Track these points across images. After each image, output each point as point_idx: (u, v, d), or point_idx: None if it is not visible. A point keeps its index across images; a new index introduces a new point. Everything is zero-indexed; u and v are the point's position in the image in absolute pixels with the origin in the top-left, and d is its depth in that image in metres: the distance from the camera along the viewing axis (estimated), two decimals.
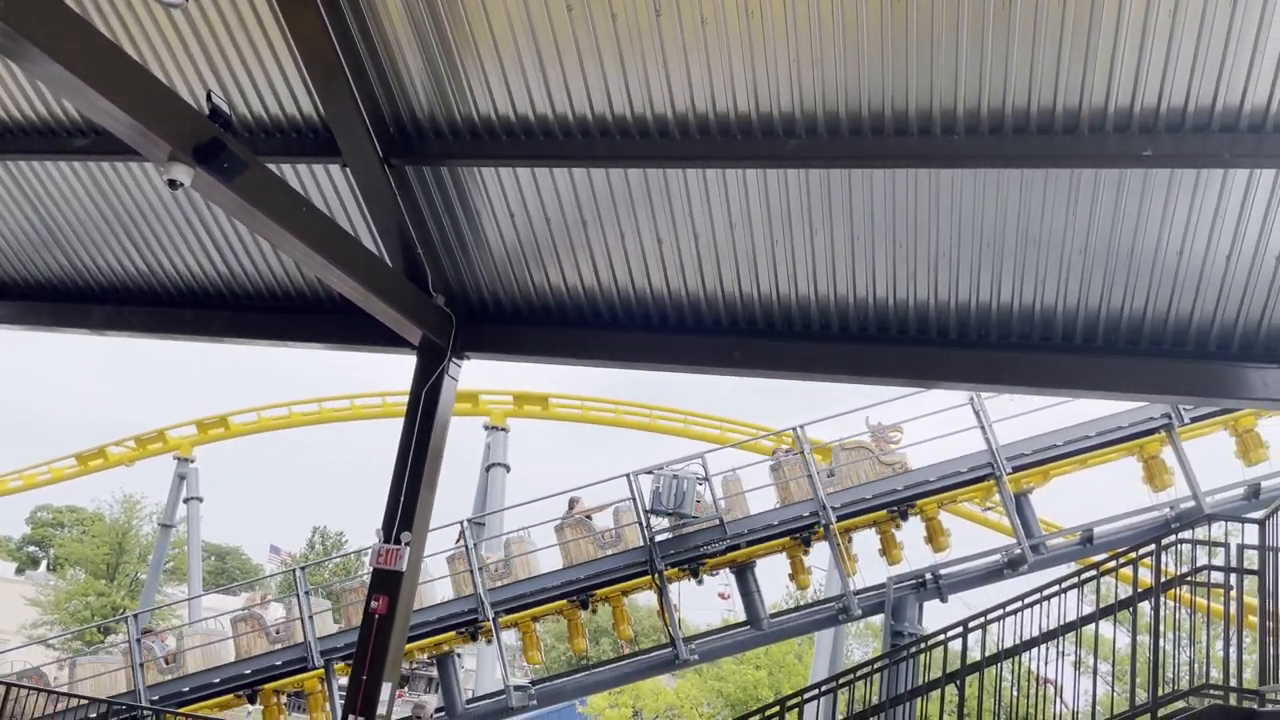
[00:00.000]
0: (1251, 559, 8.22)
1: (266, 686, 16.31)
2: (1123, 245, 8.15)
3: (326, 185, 9.96)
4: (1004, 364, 9.10)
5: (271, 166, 8.43)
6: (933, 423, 16.66)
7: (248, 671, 16.35)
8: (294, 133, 9.57)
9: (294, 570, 18.24)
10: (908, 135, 7.82)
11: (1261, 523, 8.07)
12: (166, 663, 16.72)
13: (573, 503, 16.87)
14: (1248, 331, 8.35)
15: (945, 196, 8.28)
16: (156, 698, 16.16)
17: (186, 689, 16.42)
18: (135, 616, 17.65)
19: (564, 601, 15.89)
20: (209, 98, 7.03)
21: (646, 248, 9.42)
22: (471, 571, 15.90)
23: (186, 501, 30.86)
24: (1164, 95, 7.08)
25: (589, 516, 16.45)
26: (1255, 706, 7.68)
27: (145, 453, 30.00)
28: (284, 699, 16.87)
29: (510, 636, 16.89)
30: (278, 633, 16.74)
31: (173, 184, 6.68)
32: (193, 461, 30.43)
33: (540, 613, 16.18)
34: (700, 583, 15.98)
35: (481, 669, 23.45)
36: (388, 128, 9.12)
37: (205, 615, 24.55)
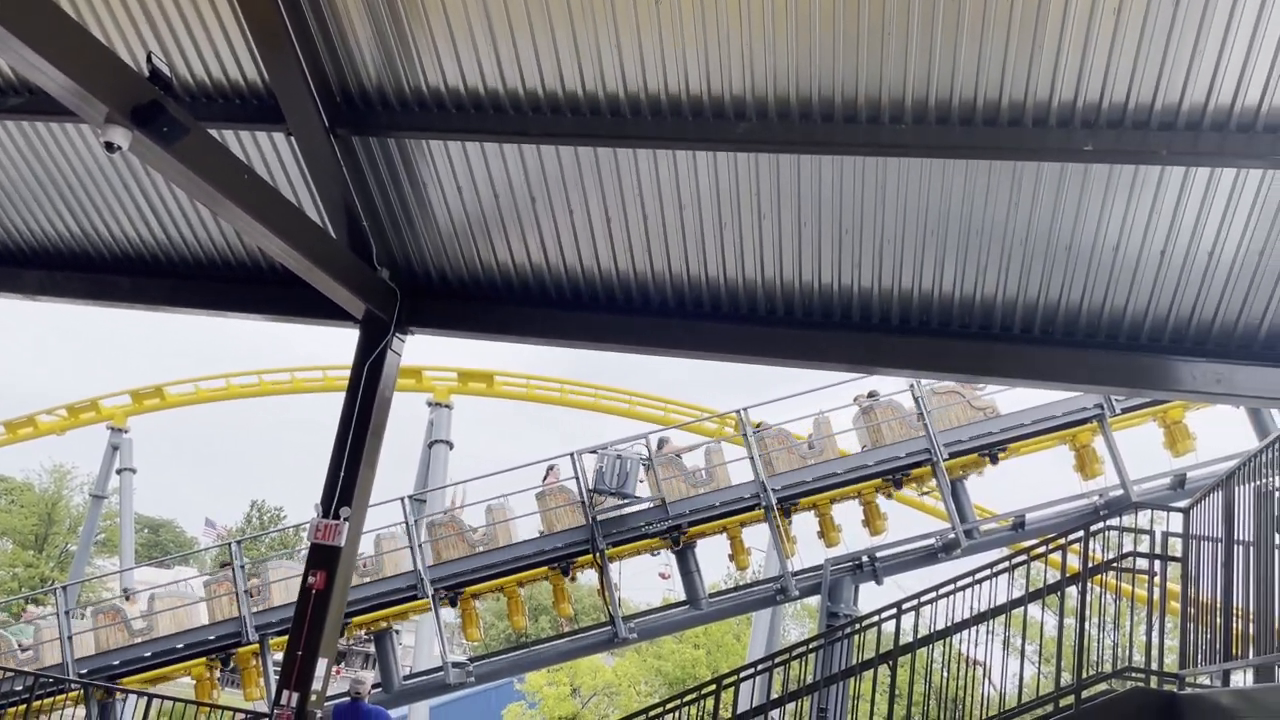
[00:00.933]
0: (1175, 547, 8.49)
1: (200, 660, 16.08)
2: (1062, 238, 8.31)
3: (270, 153, 9.76)
4: (945, 351, 9.24)
5: (213, 132, 8.24)
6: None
7: (180, 646, 16.10)
8: (237, 98, 9.36)
9: (230, 544, 17.97)
10: (857, 123, 7.88)
11: (1185, 512, 8.33)
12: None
13: (662, 442, 16.68)
14: (1179, 326, 8.58)
15: (892, 184, 8.37)
16: (85, 671, 15.86)
17: (117, 661, 16.14)
18: (65, 589, 17.28)
19: (513, 576, 15.87)
20: (149, 59, 6.84)
21: (595, 227, 9.40)
22: (411, 548, 15.80)
23: (119, 473, 30.16)
24: (1106, 91, 7.21)
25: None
26: (1175, 689, 7.94)
27: (77, 422, 29.26)
28: (217, 673, 16.65)
29: (449, 613, 16.85)
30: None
31: (109, 147, 6.49)
32: (126, 432, 29.74)
33: (480, 590, 16.14)
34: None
35: (419, 645, 23.34)
36: (334, 96, 8.96)
37: (138, 589, 24.07)
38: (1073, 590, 9.07)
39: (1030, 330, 9.01)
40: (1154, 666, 8.34)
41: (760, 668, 10.03)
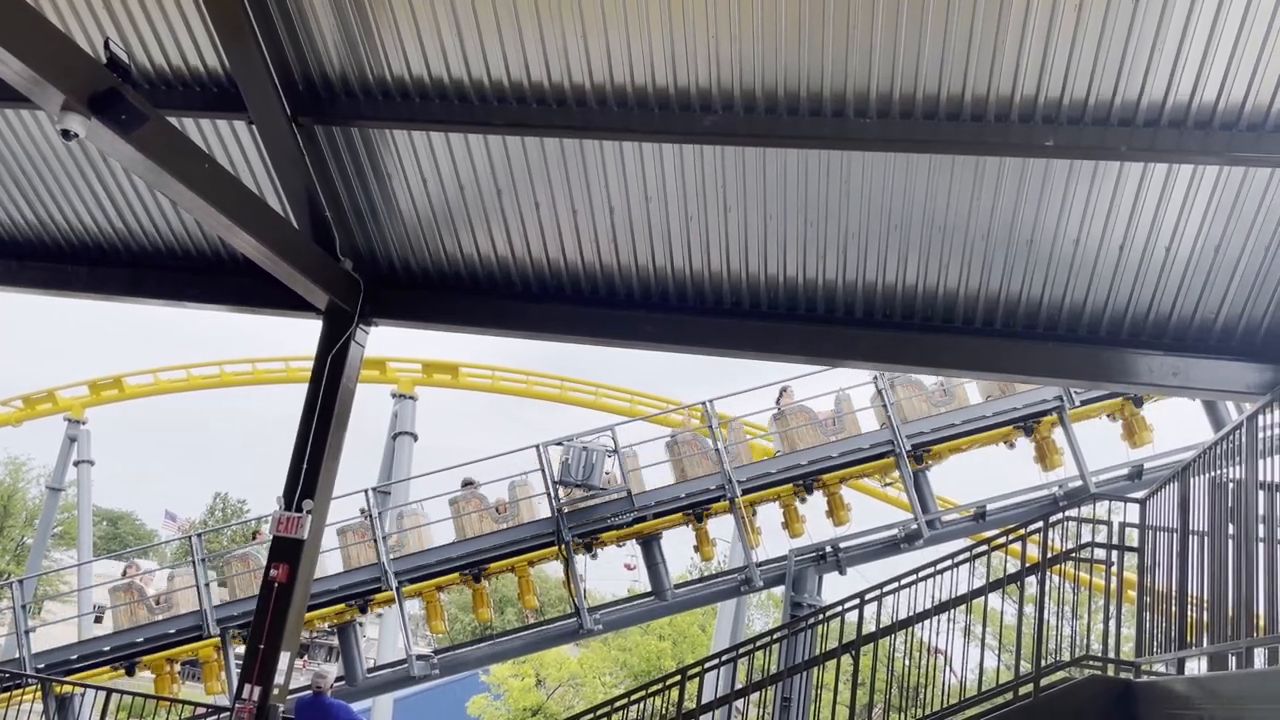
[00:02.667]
0: (1132, 537, 8.63)
1: (159, 655, 15.89)
2: (1023, 232, 8.41)
3: (231, 142, 9.64)
4: (908, 344, 9.33)
5: (173, 120, 8.13)
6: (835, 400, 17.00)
7: (139, 640, 15.90)
8: (197, 86, 9.23)
9: (190, 537, 17.76)
10: (821, 116, 7.92)
11: (1142, 502, 8.48)
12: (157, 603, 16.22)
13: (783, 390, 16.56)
14: (1136, 319, 8.71)
15: (856, 178, 8.43)
16: (42, 666, 15.62)
17: (75, 656, 15.92)
18: (21, 582, 17.02)
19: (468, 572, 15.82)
20: (107, 46, 6.71)
21: (561, 218, 9.37)
22: (375, 540, 15.71)
23: (77, 464, 29.68)
24: (1067, 87, 7.30)
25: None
26: (1131, 677, 8.08)
27: (33, 413, 28.76)
28: (177, 668, 16.46)
29: (414, 606, 16.77)
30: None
31: (66, 134, 6.38)
32: (84, 423, 29.26)
33: (445, 582, 16.08)
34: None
35: (384, 638, 23.22)
36: (296, 85, 8.86)
37: (96, 583, 23.72)
38: (1033, 580, 9.20)
39: (992, 323, 9.11)
40: (1111, 655, 8.48)
41: (725, 658, 10.09)
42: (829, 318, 9.47)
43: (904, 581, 9.20)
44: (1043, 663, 8.11)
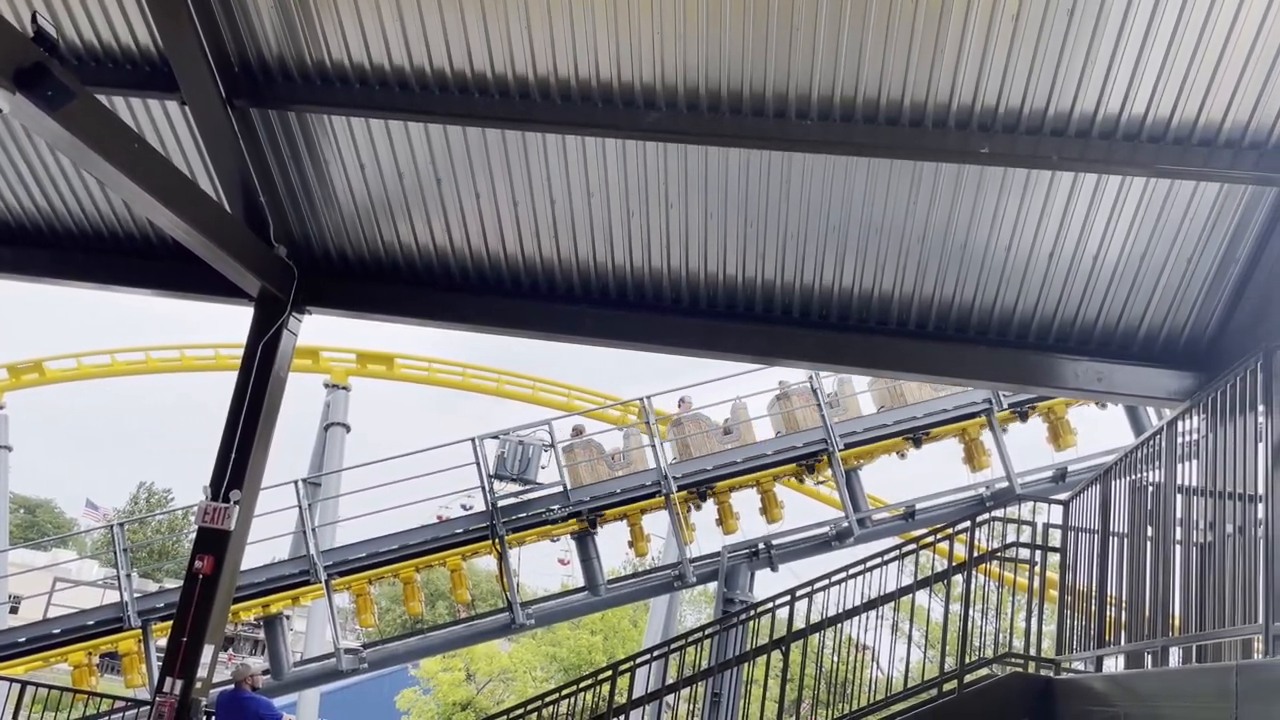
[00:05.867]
0: (1055, 538, 8.84)
1: (78, 647, 15.45)
2: (957, 237, 8.57)
3: (162, 122, 9.40)
4: (843, 344, 9.45)
5: (102, 98, 7.89)
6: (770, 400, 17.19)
7: (56, 631, 15.44)
8: (129, 64, 8.98)
9: (112, 526, 17.29)
10: (764, 117, 7.98)
11: (1065, 504, 8.69)
12: None
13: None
14: (1063, 325, 8.93)
15: (796, 179, 8.50)
16: None
17: None
18: None
19: (408, 562, 15.64)
20: (34, 19, 6.49)
21: (502, 210, 9.31)
22: (304, 532, 15.46)
23: None
24: (1003, 96, 7.45)
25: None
26: (1051, 674, 8.29)
27: None
28: (95, 660, 16.02)
29: (343, 599, 16.54)
30: None
31: None
32: (2, 408, 28.32)
33: (375, 575, 15.89)
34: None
35: (311, 631, 22.86)
36: (232, 66, 8.67)
37: (11, 571, 22.99)
38: (959, 578, 9.38)
39: (925, 326, 9.26)
40: (1032, 652, 8.69)
41: (657, 653, 10.13)
42: (768, 317, 9.55)
43: (835, 579, 9.32)
44: (967, 660, 8.27)
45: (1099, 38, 6.93)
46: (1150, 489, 6.39)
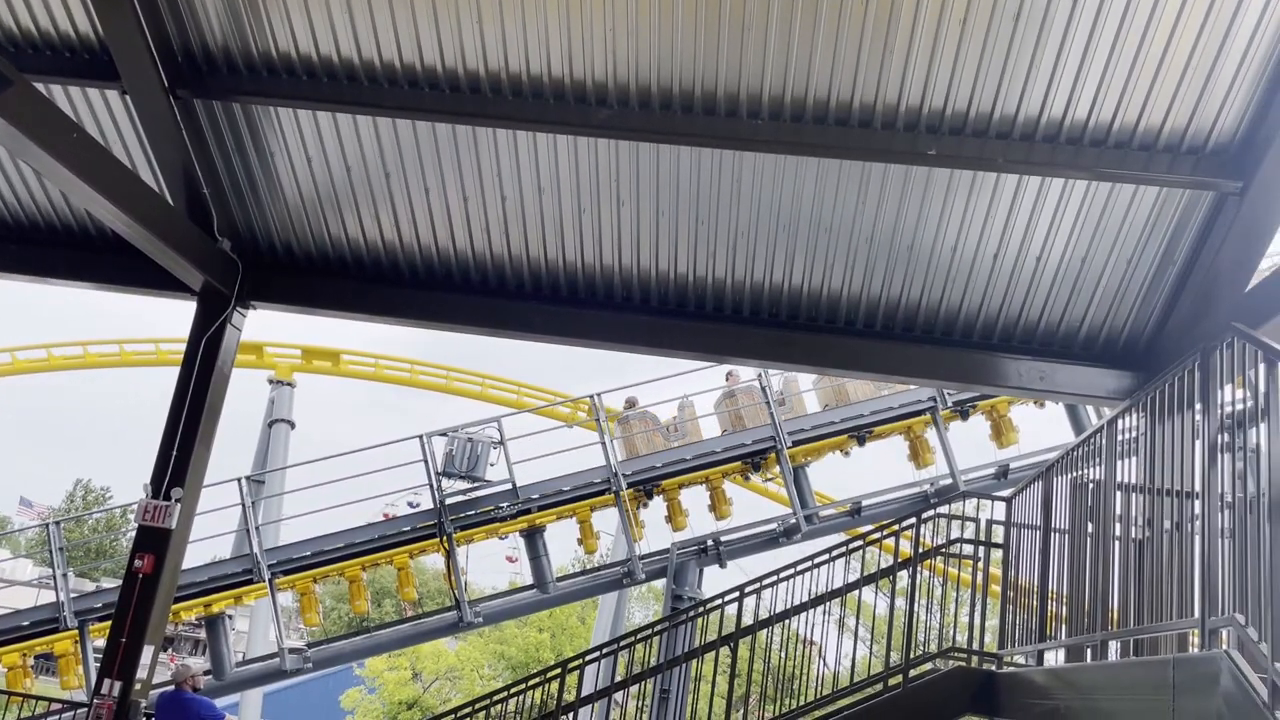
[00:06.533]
0: (997, 534, 9.00)
1: (12, 649, 15.05)
2: (904, 237, 8.67)
3: (103, 112, 9.17)
4: (793, 343, 9.51)
5: (40, 86, 7.70)
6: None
7: None
8: (67, 51, 8.75)
9: (47, 524, 16.87)
10: (715, 116, 8.00)
11: (1008, 501, 8.84)
12: None
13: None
14: (1007, 325, 9.08)
15: (747, 178, 8.54)
16: None
17: None
18: None
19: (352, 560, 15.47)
20: None
21: (452, 206, 9.23)
22: (248, 530, 15.21)
23: None
24: (950, 99, 7.55)
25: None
26: (994, 668, 8.44)
27: None
28: (30, 662, 15.62)
29: (287, 598, 16.32)
30: None
31: None
32: None
33: (320, 574, 15.69)
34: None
35: (254, 631, 22.52)
36: (175, 55, 8.48)
37: None
38: (905, 574, 9.50)
39: (873, 325, 9.36)
40: (975, 647, 8.83)
41: (606, 651, 10.12)
42: (718, 315, 9.58)
43: (783, 575, 9.39)
44: (911, 655, 8.39)
45: (1043, 43, 7.05)
46: (1090, 486, 6.52)
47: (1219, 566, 4.65)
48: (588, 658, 10.19)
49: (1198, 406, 4.92)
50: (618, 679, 10.24)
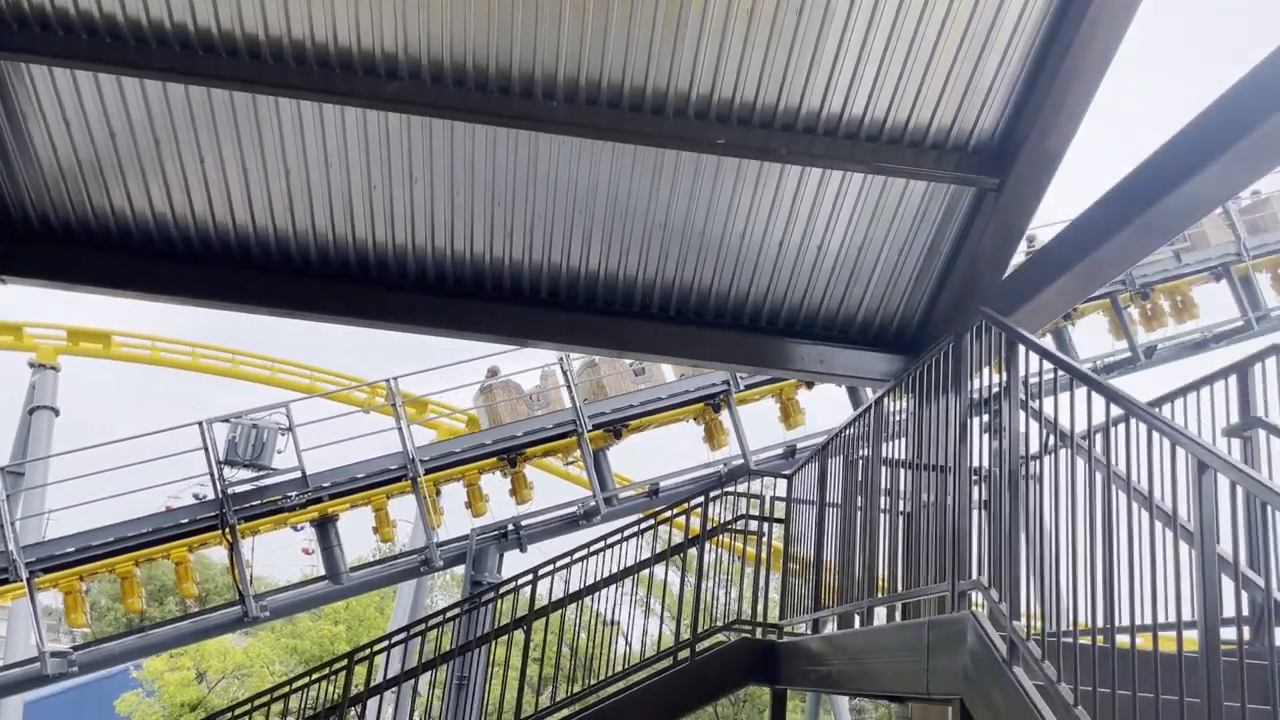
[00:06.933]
0: (781, 510, 9.41)
1: None
2: (696, 224, 8.87)
3: None
4: (590, 326, 9.57)
5: None
6: (530, 379, 17.25)
7: None
8: None
9: None
10: (510, 95, 7.91)
11: (789, 478, 9.25)
12: None
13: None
14: (791, 310, 9.47)
15: (544, 160, 8.50)
16: None
17: None
18: None
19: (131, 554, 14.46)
20: None
21: (230, 177, 8.72)
22: (2, 526, 13.95)
23: None
24: (738, 90, 7.76)
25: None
26: (775, 638, 8.82)
27: None
28: None
29: (54, 598, 15.10)
30: None
31: None
32: None
33: (88, 571, 14.60)
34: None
35: (13, 634, 20.68)
36: None
37: None
38: (699, 550, 9.77)
39: (667, 309, 9.55)
40: (760, 618, 9.21)
41: (396, 640, 9.89)
42: (517, 297, 9.51)
43: (576, 555, 9.47)
44: (699, 629, 8.65)
45: (823, 40, 7.36)
46: (860, 462, 6.91)
47: (971, 535, 5.02)
48: (377, 648, 9.94)
49: (951, 388, 5.28)
50: (411, 668, 10.04)
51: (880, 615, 6.71)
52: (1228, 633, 3.16)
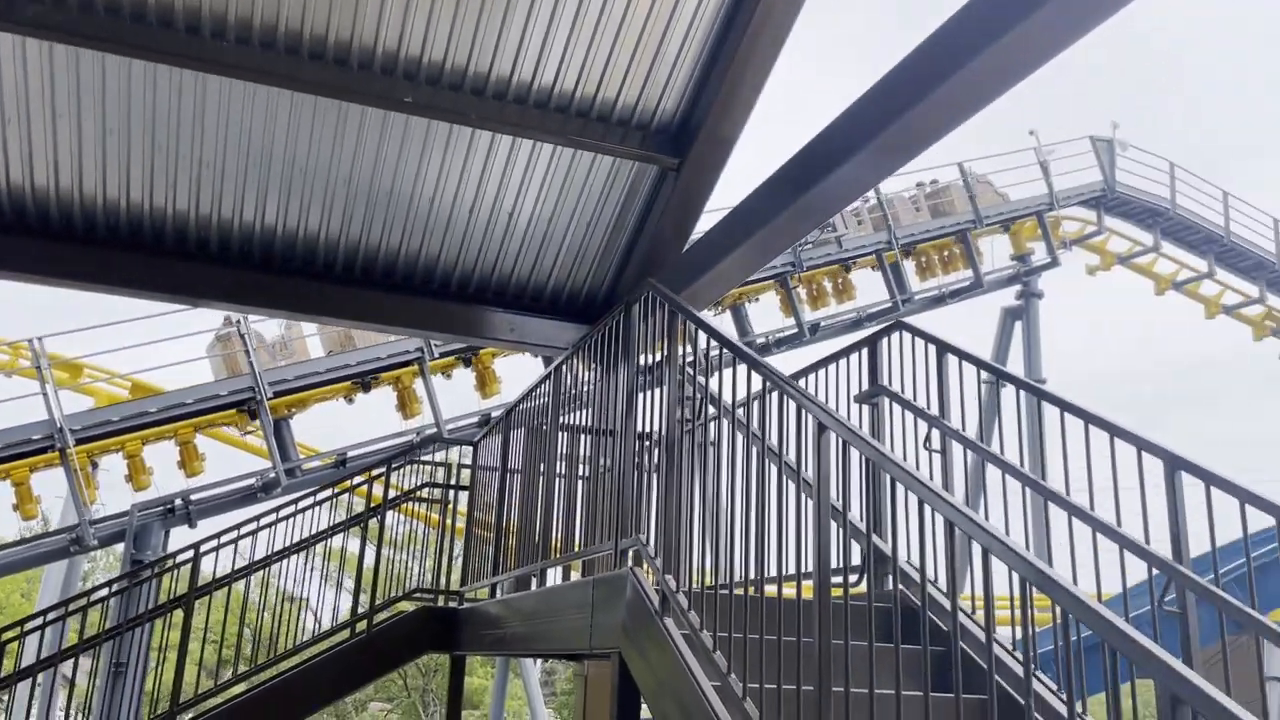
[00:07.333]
0: (467, 477, 9.39)
1: None
2: (383, 185, 8.59)
3: None
4: (266, 286, 9.02)
5: None
6: (196, 344, 16.02)
7: None
8: None
9: None
10: (174, 30, 7.23)
11: (475, 445, 9.26)
12: None
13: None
14: (483, 278, 9.42)
15: (213, 104, 7.87)
16: None
17: None
18: None
19: None
20: None
21: None
22: None
23: None
24: (426, 48, 7.55)
25: None
26: (456, 605, 8.82)
27: None
28: None
29: None
30: None
31: None
32: None
33: None
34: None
35: None
36: None
37: None
38: (389, 520, 9.55)
39: (351, 271, 9.19)
40: (443, 586, 9.17)
41: (30, 627, 8.88)
42: (181, 252, 8.77)
43: (245, 531, 8.96)
44: (378, 599, 8.48)
45: (513, 4, 7.32)
46: (540, 428, 7.03)
47: (639, 496, 5.24)
48: (4, 635, 8.88)
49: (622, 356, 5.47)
50: (50, 655, 9.07)
51: (552, 576, 6.88)
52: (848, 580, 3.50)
